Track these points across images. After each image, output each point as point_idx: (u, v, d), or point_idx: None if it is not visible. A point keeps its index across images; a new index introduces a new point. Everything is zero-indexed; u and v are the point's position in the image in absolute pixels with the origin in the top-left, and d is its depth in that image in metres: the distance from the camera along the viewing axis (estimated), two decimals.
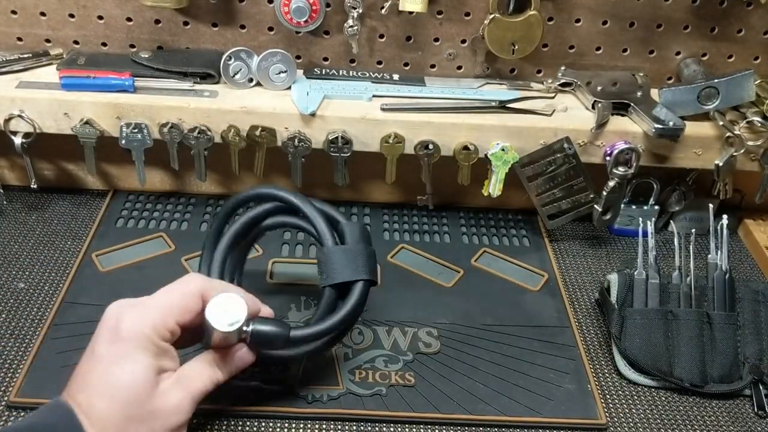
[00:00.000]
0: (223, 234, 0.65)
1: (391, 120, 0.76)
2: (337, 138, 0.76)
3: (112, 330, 0.51)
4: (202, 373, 0.55)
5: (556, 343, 0.71)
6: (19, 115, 0.75)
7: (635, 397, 0.67)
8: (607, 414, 0.65)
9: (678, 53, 0.82)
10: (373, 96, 0.79)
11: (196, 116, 0.75)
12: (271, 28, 0.79)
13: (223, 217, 0.67)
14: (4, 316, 0.70)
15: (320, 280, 0.61)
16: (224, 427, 0.61)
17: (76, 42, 0.80)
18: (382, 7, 0.76)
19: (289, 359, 0.63)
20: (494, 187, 0.80)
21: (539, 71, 0.84)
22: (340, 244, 0.62)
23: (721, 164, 0.78)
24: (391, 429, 0.62)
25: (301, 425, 0.61)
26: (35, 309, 0.71)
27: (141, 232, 0.82)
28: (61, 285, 0.73)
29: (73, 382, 0.51)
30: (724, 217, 0.73)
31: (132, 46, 0.81)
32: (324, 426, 0.62)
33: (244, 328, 0.55)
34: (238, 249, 0.67)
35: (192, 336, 0.57)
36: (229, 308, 0.54)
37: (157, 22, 0.79)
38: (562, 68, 0.82)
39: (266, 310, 0.59)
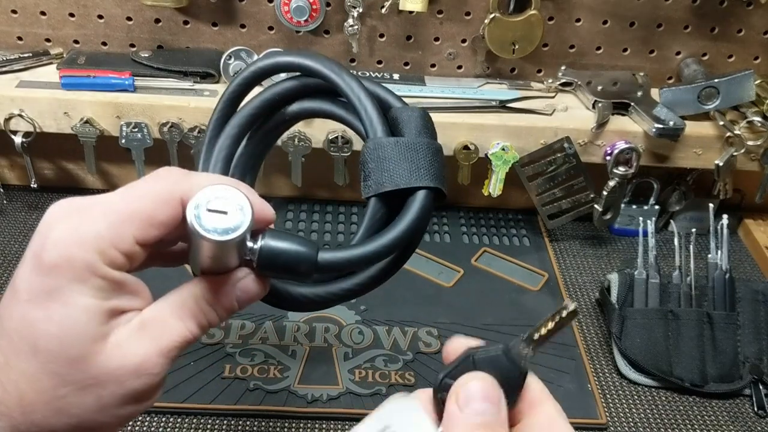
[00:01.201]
0: (230, 119, 0.47)
1: None
2: (337, 137, 0.76)
3: (38, 249, 0.33)
4: (182, 315, 0.36)
5: (557, 343, 0.71)
6: (19, 115, 0.74)
7: (635, 397, 0.67)
8: (607, 413, 0.65)
9: (678, 53, 0.82)
10: None
11: (196, 115, 0.75)
12: (271, 28, 0.79)
13: (229, 99, 0.47)
14: None
15: (363, 188, 0.42)
16: (224, 427, 0.61)
17: (76, 41, 0.80)
18: (383, 7, 0.76)
19: (308, 302, 0.43)
20: (494, 186, 0.80)
21: (539, 71, 0.84)
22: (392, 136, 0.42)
23: (721, 164, 0.78)
24: None
25: (301, 425, 0.61)
26: None
27: None
28: None
29: None
30: (724, 216, 0.73)
31: (132, 45, 0.81)
32: (324, 426, 0.62)
33: (250, 245, 0.36)
34: (250, 143, 0.48)
35: (172, 253, 0.39)
36: (225, 206, 0.34)
37: (157, 21, 0.79)
38: (563, 68, 0.82)
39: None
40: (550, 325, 0.34)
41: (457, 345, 0.36)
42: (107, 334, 0.33)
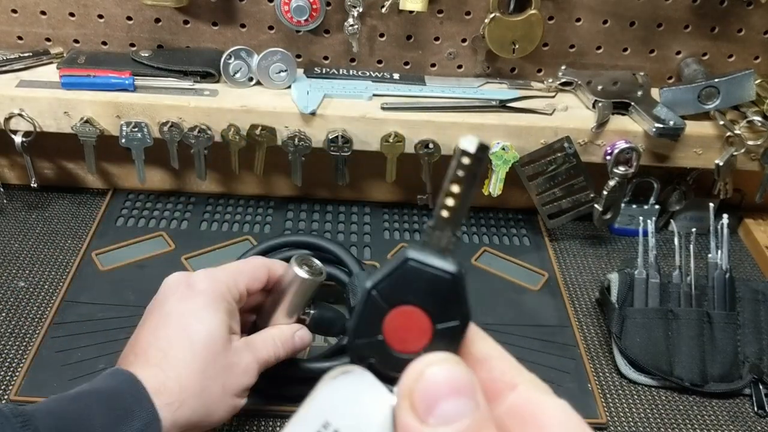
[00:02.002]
0: None
1: (392, 119, 0.76)
2: (337, 137, 0.76)
3: (184, 289, 0.51)
4: (266, 344, 0.54)
5: (557, 343, 0.71)
6: (20, 114, 0.74)
7: (635, 397, 0.67)
8: (607, 413, 0.65)
9: (678, 53, 0.82)
10: (374, 95, 0.78)
11: (196, 115, 0.75)
12: (271, 27, 0.79)
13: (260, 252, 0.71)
14: (4, 314, 0.70)
15: (352, 300, 0.66)
16: (224, 427, 0.61)
17: (76, 41, 0.80)
18: (383, 6, 0.76)
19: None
20: (495, 186, 0.80)
21: (540, 70, 0.84)
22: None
23: (721, 164, 0.78)
24: None
25: None
26: (35, 308, 0.71)
27: (141, 231, 0.82)
28: (61, 284, 0.73)
29: (137, 343, 0.50)
30: (725, 216, 0.73)
31: (132, 45, 0.81)
32: None
33: (307, 310, 0.59)
34: None
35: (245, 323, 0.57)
36: (310, 264, 0.57)
37: (157, 21, 0.79)
38: (563, 67, 0.82)
39: None
40: (456, 187, 0.25)
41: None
42: (231, 340, 0.51)
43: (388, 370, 0.26)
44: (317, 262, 0.58)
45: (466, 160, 0.24)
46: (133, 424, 0.44)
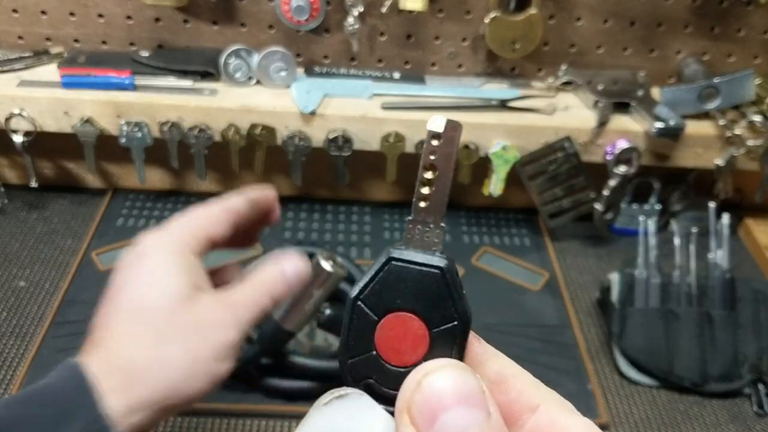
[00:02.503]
0: None
1: (392, 118, 0.76)
2: (337, 137, 0.76)
3: (131, 256, 0.45)
4: (246, 293, 0.45)
5: (557, 343, 0.71)
6: (20, 114, 0.74)
7: (636, 396, 0.67)
8: (607, 413, 0.65)
9: (678, 52, 0.82)
10: (374, 94, 0.78)
11: (196, 115, 0.75)
12: (271, 27, 0.79)
13: None
14: (5, 314, 0.70)
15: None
16: (224, 427, 0.61)
17: (76, 40, 0.80)
18: (383, 6, 0.76)
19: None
20: (495, 186, 0.80)
21: (540, 70, 0.84)
22: None
23: (721, 164, 0.78)
24: None
25: None
26: (35, 307, 0.71)
27: (141, 230, 0.81)
28: (61, 283, 0.73)
29: (93, 331, 0.44)
30: (725, 216, 0.73)
31: (132, 44, 0.81)
32: None
33: (322, 308, 0.62)
34: None
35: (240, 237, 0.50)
36: (334, 259, 0.58)
37: (157, 20, 0.79)
38: (563, 67, 0.82)
39: None
40: (430, 174, 0.23)
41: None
42: (193, 297, 0.42)
43: (387, 389, 0.24)
44: (339, 258, 0.61)
45: (436, 142, 0.22)
46: (73, 425, 0.39)
